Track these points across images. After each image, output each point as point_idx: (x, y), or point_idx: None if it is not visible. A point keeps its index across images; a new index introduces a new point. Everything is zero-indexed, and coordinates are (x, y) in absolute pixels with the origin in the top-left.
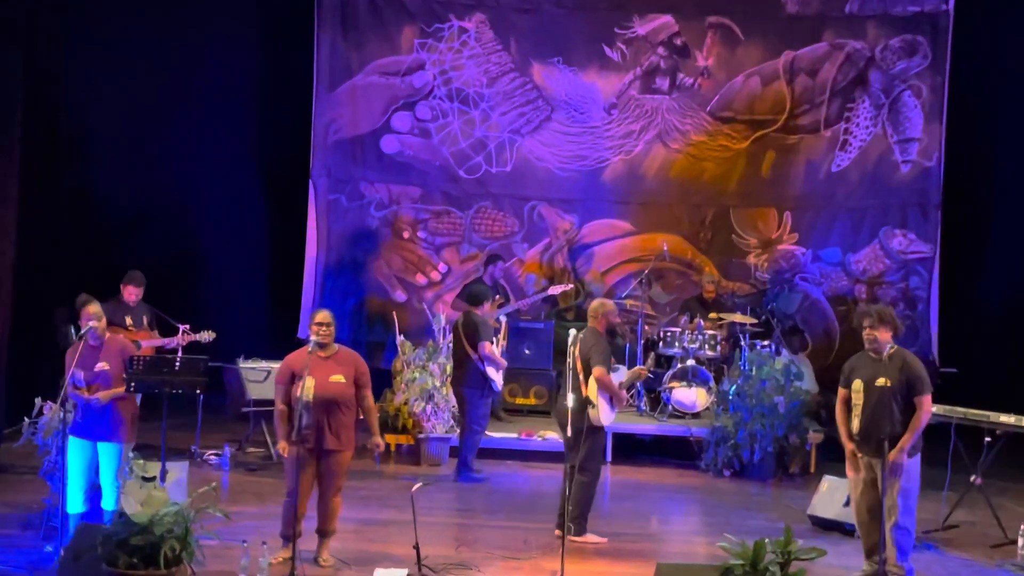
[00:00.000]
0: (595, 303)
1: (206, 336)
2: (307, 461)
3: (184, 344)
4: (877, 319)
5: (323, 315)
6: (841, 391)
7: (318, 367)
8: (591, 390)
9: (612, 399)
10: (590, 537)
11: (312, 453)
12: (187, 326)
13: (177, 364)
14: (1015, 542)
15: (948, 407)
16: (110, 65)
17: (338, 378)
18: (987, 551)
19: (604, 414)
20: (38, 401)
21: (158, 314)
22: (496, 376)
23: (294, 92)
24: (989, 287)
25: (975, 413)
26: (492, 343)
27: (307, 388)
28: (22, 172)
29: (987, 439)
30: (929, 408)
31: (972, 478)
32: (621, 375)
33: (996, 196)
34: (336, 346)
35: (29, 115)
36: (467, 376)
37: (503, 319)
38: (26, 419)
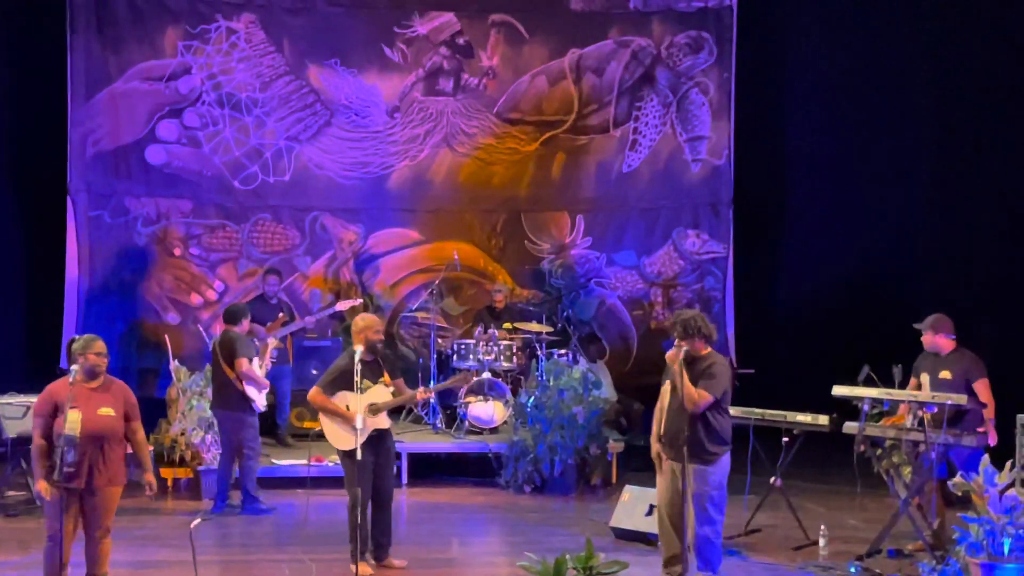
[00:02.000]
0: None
1: None
2: (70, 501)
3: None
4: (681, 330)
5: (102, 344)
6: (662, 388)
7: (85, 399)
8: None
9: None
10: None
11: (75, 492)
12: None
13: None
14: (817, 543)
15: (746, 408)
16: None
17: (107, 411)
18: (790, 554)
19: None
20: None
21: None
22: (257, 396)
23: (48, 100)
24: (783, 285)
25: (772, 413)
26: (251, 361)
27: (72, 422)
28: None
29: (785, 439)
30: (704, 405)
31: (772, 479)
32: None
33: (787, 193)
34: (103, 376)
35: None
36: (226, 399)
37: (271, 340)
38: None
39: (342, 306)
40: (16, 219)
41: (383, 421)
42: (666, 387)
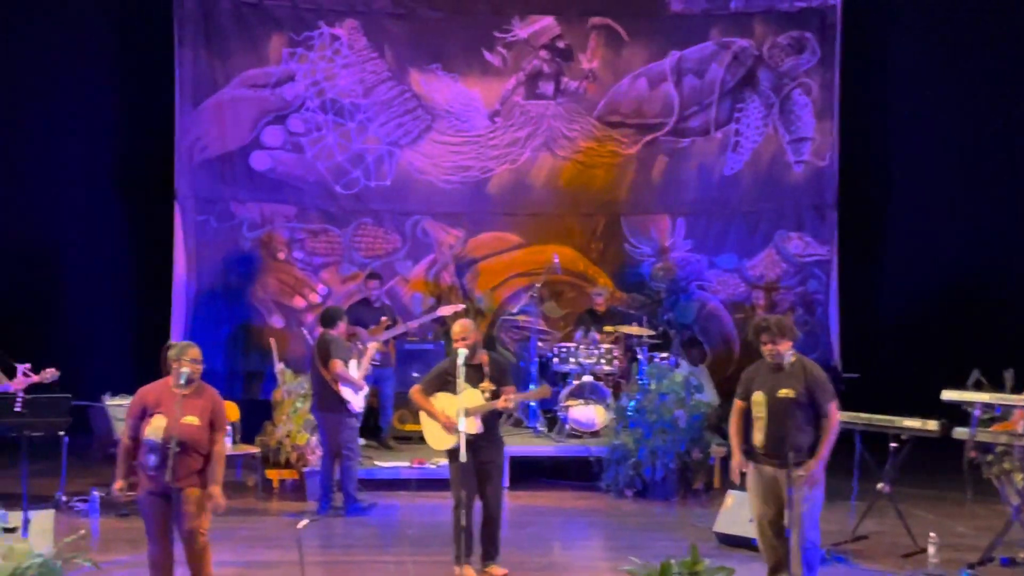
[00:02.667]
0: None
1: (48, 375)
2: (159, 504)
3: (23, 387)
4: (778, 332)
5: (197, 351)
6: (737, 402)
7: (173, 405)
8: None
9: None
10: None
11: (161, 496)
12: (27, 366)
13: (18, 406)
14: (926, 551)
15: (852, 413)
16: None
17: (192, 420)
18: (898, 561)
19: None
20: None
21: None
22: (353, 398)
23: (157, 109)
24: (888, 288)
25: (880, 418)
26: (347, 363)
27: (156, 427)
28: None
29: (893, 445)
30: (837, 416)
31: (879, 486)
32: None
33: (892, 194)
34: (197, 383)
35: None
36: (324, 401)
37: (372, 344)
38: None
39: (444, 311)
40: (126, 225)
41: (474, 426)
42: (758, 398)
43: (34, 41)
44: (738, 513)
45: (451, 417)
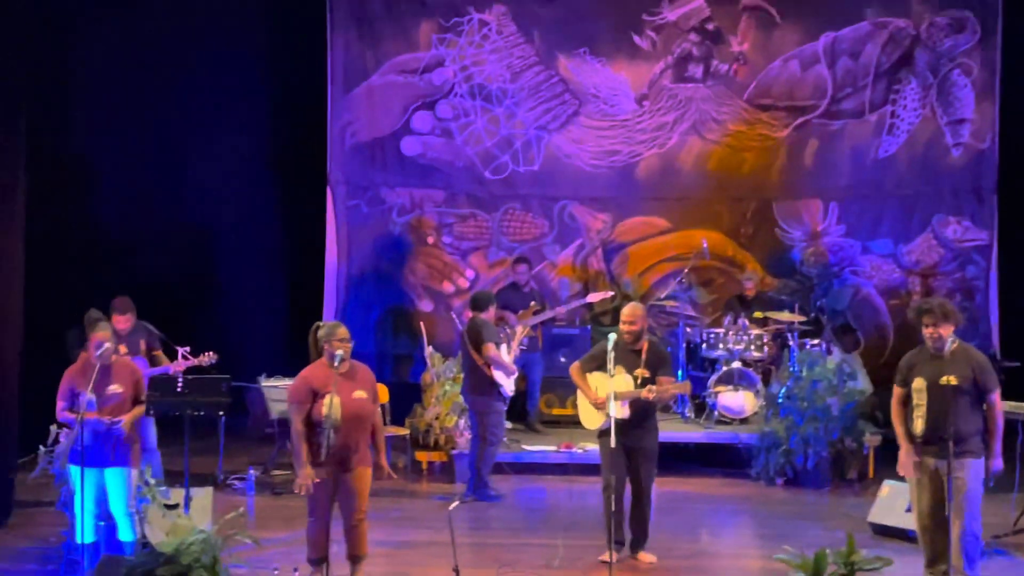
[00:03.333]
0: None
1: (206, 359)
2: (328, 482)
3: (182, 370)
4: (941, 315)
5: (345, 330)
6: (897, 389)
7: (339, 384)
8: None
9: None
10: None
11: (332, 474)
12: (187, 349)
13: (179, 386)
14: None
15: (1014, 403)
16: (112, 77)
17: (361, 394)
18: None
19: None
20: (53, 429)
21: (161, 337)
22: (505, 382)
23: (308, 95)
24: None
25: None
26: (498, 346)
27: (335, 406)
28: (28, 195)
29: None
30: (1001, 405)
31: None
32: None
33: None
34: (350, 360)
35: (32, 135)
36: (475, 384)
37: (520, 327)
38: (41, 448)
39: (592, 298)
40: (280, 210)
41: (621, 411)
42: (919, 384)
43: (188, 30)
44: (894, 503)
45: (600, 397)
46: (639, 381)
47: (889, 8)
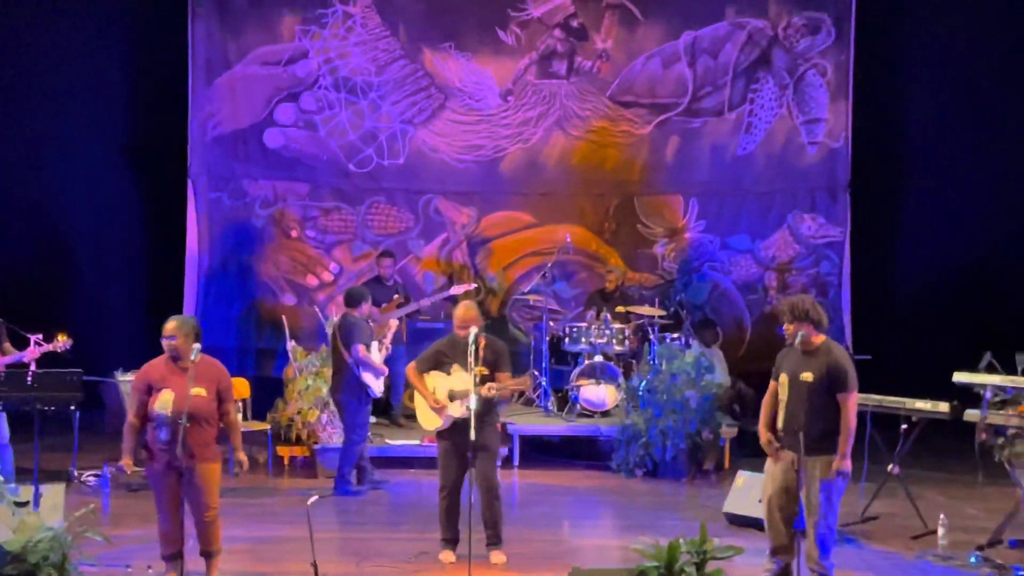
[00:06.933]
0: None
1: (60, 344)
2: (170, 478)
3: (37, 357)
4: (789, 313)
5: (170, 326)
6: (771, 383)
7: (177, 379)
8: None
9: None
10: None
11: (173, 470)
12: (39, 336)
13: (29, 378)
14: (935, 532)
15: (863, 395)
16: None
17: (199, 391)
18: (907, 542)
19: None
20: None
21: (10, 328)
22: (373, 382)
23: (169, 86)
24: (901, 270)
25: (891, 400)
26: (368, 346)
27: (164, 401)
28: None
29: (903, 426)
30: (853, 406)
31: (890, 467)
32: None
33: (906, 176)
34: (198, 356)
35: None
36: (343, 382)
37: (393, 322)
38: None
39: (456, 290)
40: (139, 202)
41: (457, 409)
42: (783, 379)
43: (46, 18)
44: (748, 493)
45: (440, 398)
46: (478, 379)
47: (748, 9)
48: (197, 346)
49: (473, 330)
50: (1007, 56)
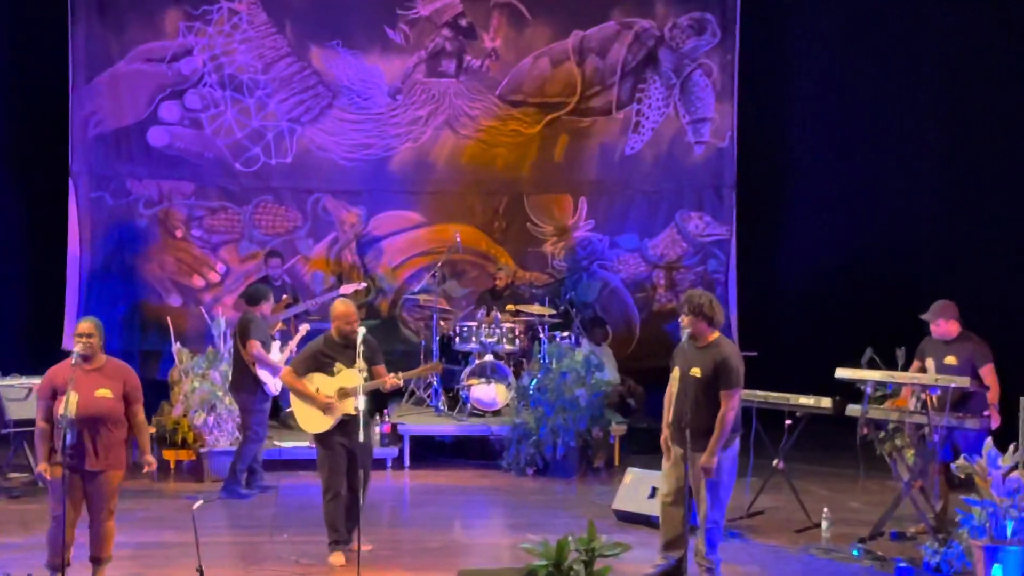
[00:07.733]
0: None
1: None
2: (73, 483)
3: None
4: (686, 306)
5: (85, 324)
6: (671, 375)
7: (83, 381)
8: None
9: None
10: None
11: (78, 474)
12: None
13: None
14: (819, 525)
15: (748, 391)
16: None
17: (105, 393)
18: (792, 536)
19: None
20: None
21: None
22: (270, 380)
23: (49, 83)
24: (786, 268)
25: (775, 396)
26: (267, 344)
27: (70, 404)
28: None
29: (787, 422)
30: (734, 405)
31: (775, 462)
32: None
33: (790, 175)
34: (104, 358)
35: None
36: (239, 380)
37: (304, 327)
38: None
39: (345, 289)
40: (18, 201)
41: (350, 406)
42: (675, 373)
43: None
44: (637, 490)
45: (329, 397)
46: (367, 375)
47: (635, 9)
48: (77, 348)
49: (362, 329)
50: (889, 54)
